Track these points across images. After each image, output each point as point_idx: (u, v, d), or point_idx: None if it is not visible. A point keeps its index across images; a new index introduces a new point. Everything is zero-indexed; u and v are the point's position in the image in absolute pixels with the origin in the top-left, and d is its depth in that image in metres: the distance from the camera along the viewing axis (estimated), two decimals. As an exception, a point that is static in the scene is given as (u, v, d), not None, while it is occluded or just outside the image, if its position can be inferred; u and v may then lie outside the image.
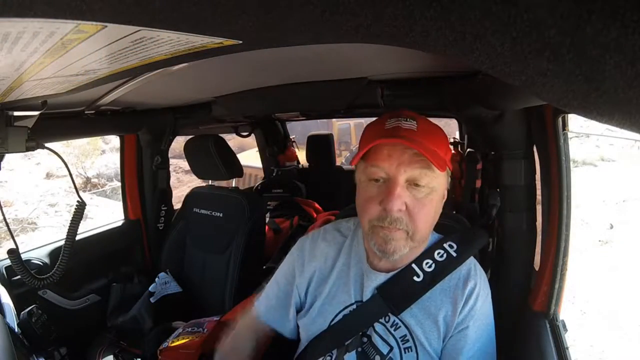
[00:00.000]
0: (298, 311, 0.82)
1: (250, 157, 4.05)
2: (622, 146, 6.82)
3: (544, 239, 0.85)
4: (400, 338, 0.71)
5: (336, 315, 0.76)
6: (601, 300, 2.78)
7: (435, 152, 0.63)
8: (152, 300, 1.40)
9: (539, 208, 0.90)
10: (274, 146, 2.60)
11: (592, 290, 2.91)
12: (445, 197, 0.72)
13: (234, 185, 1.80)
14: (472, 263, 0.75)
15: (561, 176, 0.78)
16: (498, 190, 0.95)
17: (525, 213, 0.91)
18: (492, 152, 0.96)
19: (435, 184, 0.65)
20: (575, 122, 0.85)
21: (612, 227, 4.15)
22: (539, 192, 0.90)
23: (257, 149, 1.63)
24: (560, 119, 0.77)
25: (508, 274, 0.94)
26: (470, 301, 0.70)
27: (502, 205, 0.93)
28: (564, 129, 0.77)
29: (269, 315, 0.85)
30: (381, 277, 0.73)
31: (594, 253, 3.60)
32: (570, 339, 0.78)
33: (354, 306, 0.75)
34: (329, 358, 0.76)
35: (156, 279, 1.46)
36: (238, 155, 1.56)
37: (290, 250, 0.86)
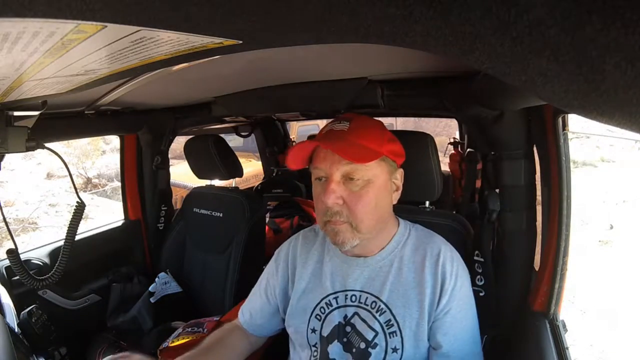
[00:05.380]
0: (284, 312, 0.85)
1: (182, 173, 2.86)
2: (622, 147, 6.82)
3: (544, 239, 0.85)
4: (385, 323, 0.73)
5: (314, 309, 0.79)
6: (601, 300, 2.78)
7: (362, 146, 0.69)
8: (152, 300, 1.40)
9: (539, 208, 0.90)
10: (274, 146, 2.61)
11: (592, 290, 2.90)
12: (398, 187, 0.77)
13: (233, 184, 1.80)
14: (443, 243, 0.78)
15: (561, 176, 0.77)
16: (498, 191, 0.95)
17: (525, 213, 0.91)
18: (492, 152, 0.96)
19: (370, 175, 0.70)
20: (576, 123, 0.85)
21: (612, 227, 4.15)
22: (539, 192, 0.89)
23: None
24: (560, 119, 0.76)
25: (508, 274, 0.93)
26: (450, 282, 0.72)
27: (502, 205, 0.93)
28: (564, 129, 0.77)
29: (254, 327, 0.90)
30: (360, 262, 0.78)
31: (594, 253, 3.60)
32: (570, 339, 0.78)
33: (332, 296, 0.78)
34: (315, 352, 0.78)
35: (156, 279, 1.46)
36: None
37: (273, 257, 0.91)
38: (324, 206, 0.70)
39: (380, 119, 0.82)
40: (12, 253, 0.85)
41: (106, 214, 4.80)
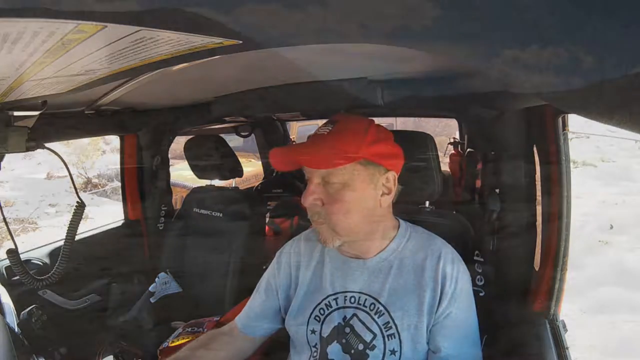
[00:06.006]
0: (285, 313, 0.85)
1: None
2: (623, 147, 6.82)
3: (544, 239, 0.85)
4: (383, 325, 0.73)
5: (314, 310, 0.79)
6: (601, 300, 2.78)
7: (336, 150, 0.69)
8: (152, 300, 1.40)
9: (539, 208, 0.90)
10: (274, 146, 2.60)
11: (592, 290, 2.90)
12: (389, 190, 0.74)
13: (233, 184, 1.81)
14: (443, 245, 0.78)
15: (561, 176, 0.77)
16: (498, 191, 0.95)
17: (525, 213, 0.91)
18: (492, 152, 0.96)
19: (346, 178, 0.70)
20: (576, 123, 0.85)
21: (612, 227, 4.14)
22: (539, 192, 0.90)
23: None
24: (560, 119, 0.77)
25: (508, 274, 0.93)
26: (450, 285, 0.72)
27: (502, 205, 0.93)
28: (564, 129, 0.77)
29: (252, 329, 0.88)
30: (360, 263, 0.78)
31: (594, 253, 3.60)
32: (570, 339, 0.78)
33: (332, 297, 0.78)
34: (315, 353, 0.78)
35: (156, 279, 1.46)
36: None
37: (275, 258, 0.90)
38: (306, 206, 0.73)
39: (380, 119, 0.82)
40: (12, 253, 0.85)
41: (106, 214, 4.80)
